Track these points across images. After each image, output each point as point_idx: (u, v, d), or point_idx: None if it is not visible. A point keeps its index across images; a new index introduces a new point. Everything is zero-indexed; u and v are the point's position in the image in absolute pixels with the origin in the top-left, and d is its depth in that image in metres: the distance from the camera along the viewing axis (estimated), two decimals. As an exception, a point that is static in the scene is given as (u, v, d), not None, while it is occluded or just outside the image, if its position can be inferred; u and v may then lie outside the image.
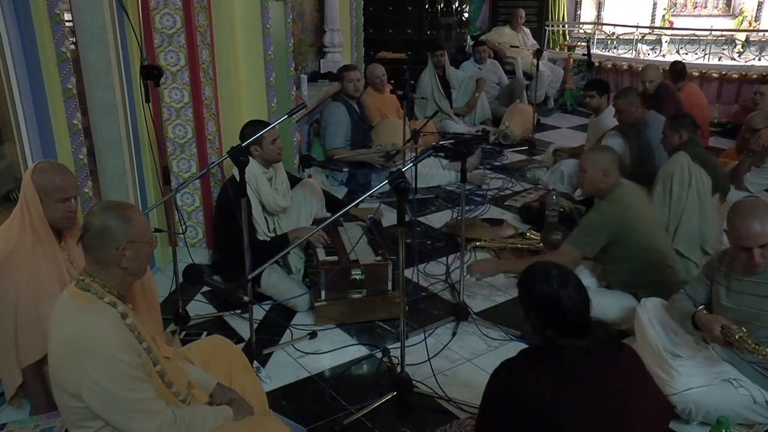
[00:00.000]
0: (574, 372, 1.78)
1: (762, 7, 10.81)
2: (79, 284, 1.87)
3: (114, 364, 1.76)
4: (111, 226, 1.86)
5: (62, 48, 2.84)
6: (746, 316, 2.47)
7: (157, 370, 1.90)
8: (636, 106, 4.49)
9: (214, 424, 1.95)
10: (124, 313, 1.86)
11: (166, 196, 3.19)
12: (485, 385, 1.93)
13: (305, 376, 2.93)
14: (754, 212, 2.36)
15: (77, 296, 1.85)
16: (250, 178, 3.34)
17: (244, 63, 4.15)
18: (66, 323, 1.82)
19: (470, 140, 5.71)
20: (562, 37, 10.44)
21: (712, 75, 7.58)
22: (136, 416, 1.79)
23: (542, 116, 7.80)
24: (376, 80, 5.96)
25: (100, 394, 1.75)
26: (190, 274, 2.80)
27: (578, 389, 1.76)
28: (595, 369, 1.79)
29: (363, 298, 3.35)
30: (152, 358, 1.89)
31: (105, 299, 1.85)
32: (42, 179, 2.37)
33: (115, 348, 1.77)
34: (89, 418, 1.80)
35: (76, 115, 2.99)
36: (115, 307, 1.85)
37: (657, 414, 1.91)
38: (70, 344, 1.78)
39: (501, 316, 3.40)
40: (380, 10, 8.12)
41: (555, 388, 1.75)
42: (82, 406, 1.78)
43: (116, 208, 1.92)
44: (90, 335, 1.77)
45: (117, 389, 1.76)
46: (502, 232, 4.35)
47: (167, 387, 1.93)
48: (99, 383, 1.74)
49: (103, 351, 1.76)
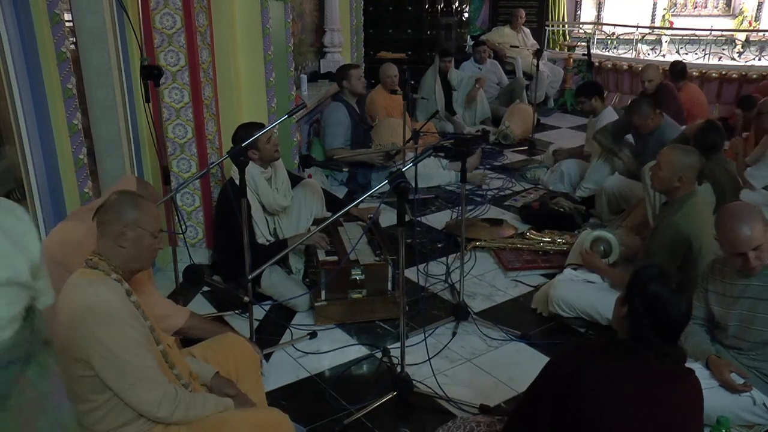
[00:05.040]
0: (639, 372, 1.79)
1: (762, 7, 10.81)
2: (88, 263, 1.94)
3: (123, 329, 1.83)
4: (122, 204, 1.97)
5: (62, 48, 2.84)
6: (742, 320, 2.47)
7: (160, 349, 1.96)
8: (651, 116, 4.39)
9: (215, 409, 1.98)
10: (129, 291, 1.94)
11: (166, 196, 3.19)
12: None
13: (305, 376, 2.93)
14: (740, 217, 2.36)
15: (85, 274, 1.92)
16: (248, 180, 3.33)
17: (244, 63, 4.14)
18: (76, 295, 1.88)
19: (470, 140, 5.72)
20: (562, 37, 10.45)
21: (712, 75, 7.58)
22: (140, 384, 1.84)
23: (542, 116, 7.80)
24: (388, 80, 5.97)
25: (108, 357, 1.81)
26: (190, 274, 2.80)
27: (637, 390, 1.76)
28: (660, 379, 1.79)
29: (363, 298, 3.35)
30: (155, 337, 1.95)
31: (112, 276, 1.92)
32: (145, 193, 2.46)
33: (124, 314, 1.86)
34: (96, 390, 1.84)
35: (76, 115, 2.98)
36: (121, 284, 1.93)
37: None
38: (81, 312, 1.84)
39: (501, 316, 3.40)
40: (380, 10, 8.12)
41: (613, 381, 1.76)
42: (91, 374, 1.82)
43: (133, 193, 2.06)
44: (99, 302, 1.85)
45: (125, 354, 1.82)
46: (502, 232, 4.35)
47: (170, 368, 1.98)
48: (108, 347, 1.81)
49: (113, 316, 1.84)
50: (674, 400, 1.81)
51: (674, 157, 3.00)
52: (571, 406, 1.77)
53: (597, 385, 1.75)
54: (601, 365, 1.80)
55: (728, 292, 2.51)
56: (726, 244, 2.41)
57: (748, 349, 2.49)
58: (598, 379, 1.76)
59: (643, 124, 4.44)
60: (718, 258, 2.58)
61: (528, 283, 3.77)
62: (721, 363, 2.48)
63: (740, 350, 2.52)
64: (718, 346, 2.58)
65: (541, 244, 4.10)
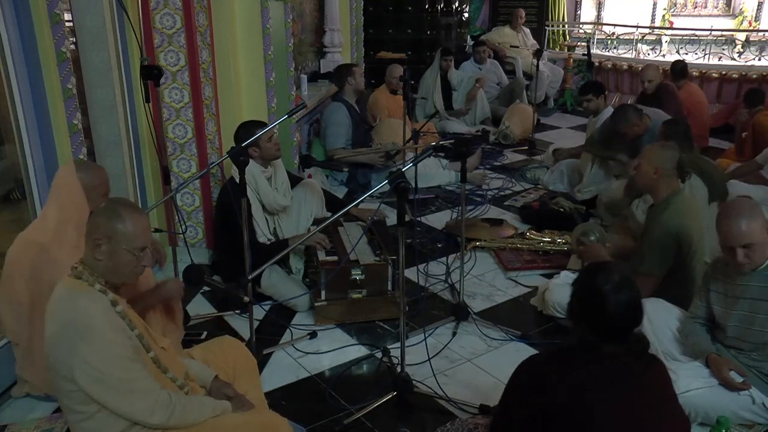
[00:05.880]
0: (606, 374, 1.77)
1: (762, 7, 10.81)
2: (73, 272, 1.90)
3: (105, 345, 1.78)
4: (102, 213, 1.91)
5: (62, 48, 2.84)
6: (742, 320, 2.47)
7: (151, 356, 1.92)
8: (637, 123, 4.38)
9: (212, 413, 1.96)
10: (114, 301, 1.88)
11: (166, 196, 3.19)
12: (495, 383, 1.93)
13: (305, 376, 2.93)
14: (740, 212, 2.37)
15: (69, 284, 1.88)
16: (249, 179, 3.34)
17: (244, 63, 4.15)
18: (59, 310, 1.84)
19: (470, 140, 5.72)
20: (562, 37, 10.44)
21: (712, 75, 7.58)
22: (128, 396, 1.81)
23: (542, 116, 7.80)
24: (393, 81, 5.97)
25: (92, 374, 1.77)
26: (190, 274, 2.80)
27: (611, 392, 1.75)
28: (626, 377, 1.78)
29: (363, 298, 3.35)
30: (144, 344, 1.91)
31: (96, 287, 1.87)
32: (87, 176, 2.44)
33: (106, 329, 1.80)
34: (84, 402, 1.82)
35: (76, 115, 2.98)
36: (105, 295, 1.88)
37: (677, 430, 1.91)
38: (63, 328, 1.80)
39: (501, 316, 3.40)
40: (380, 10, 8.12)
41: (588, 387, 1.74)
42: (77, 389, 1.80)
43: (118, 203, 1.96)
44: (81, 317, 1.80)
45: (109, 368, 1.78)
46: (502, 232, 4.35)
47: (163, 372, 1.94)
48: (91, 363, 1.76)
49: (94, 333, 1.78)
50: (646, 394, 1.80)
51: (650, 151, 3.10)
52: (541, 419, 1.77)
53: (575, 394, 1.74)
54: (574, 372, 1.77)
55: (730, 291, 2.51)
56: (720, 236, 2.42)
57: (749, 350, 2.49)
58: (560, 390, 1.75)
59: (629, 132, 4.43)
60: (721, 257, 2.57)
61: (528, 284, 3.77)
62: (721, 361, 2.47)
63: (740, 350, 2.52)
64: (718, 345, 2.58)
65: (541, 244, 4.10)
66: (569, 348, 1.88)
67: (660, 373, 1.89)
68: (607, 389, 1.75)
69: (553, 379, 1.77)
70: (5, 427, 2.35)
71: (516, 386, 1.90)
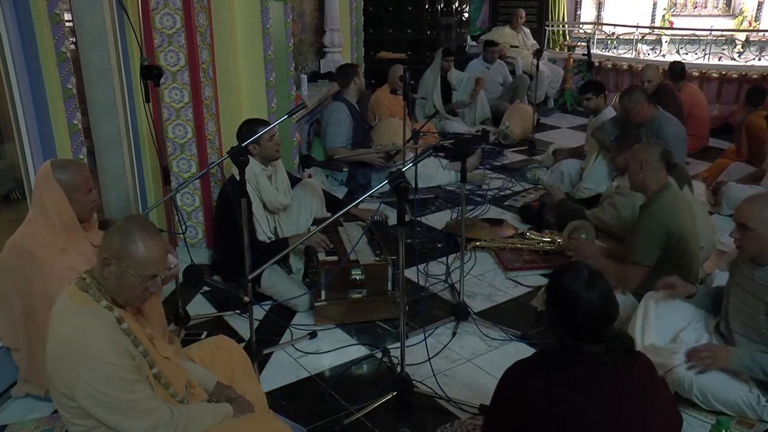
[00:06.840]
0: (582, 380, 1.75)
1: (762, 7, 10.81)
2: (80, 283, 1.85)
3: (106, 368, 1.75)
4: (117, 232, 1.83)
5: (62, 48, 2.84)
6: (740, 313, 2.52)
7: (154, 372, 1.89)
8: (642, 104, 4.44)
9: (213, 421, 1.95)
10: (120, 318, 1.84)
11: (166, 196, 3.19)
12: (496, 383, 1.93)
13: (305, 376, 2.93)
14: (761, 198, 2.48)
15: (75, 297, 1.83)
16: (250, 177, 3.34)
17: (244, 63, 4.15)
18: (62, 324, 1.81)
19: (470, 140, 5.71)
20: (562, 37, 10.44)
21: (712, 75, 7.58)
22: (130, 415, 1.78)
23: (542, 116, 7.80)
24: (396, 80, 5.97)
25: (94, 395, 1.75)
26: (190, 274, 2.80)
27: (584, 398, 1.73)
28: (604, 378, 1.76)
29: (363, 298, 3.35)
30: (149, 361, 1.88)
31: (102, 303, 1.83)
32: (66, 176, 2.38)
33: (108, 351, 1.76)
34: (83, 416, 1.80)
35: (76, 115, 2.99)
36: (111, 311, 1.83)
37: (667, 427, 1.90)
38: (65, 346, 1.78)
39: (501, 316, 3.40)
40: (380, 10, 8.12)
41: (561, 396, 1.73)
42: (76, 405, 1.78)
43: (135, 225, 1.85)
44: (83, 338, 1.76)
45: (110, 391, 1.75)
46: (502, 232, 4.35)
47: (164, 389, 1.92)
48: (92, 385, 1.74)
49: (96, 354, 1.75)
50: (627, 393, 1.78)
51: (634, 149, 3.19)
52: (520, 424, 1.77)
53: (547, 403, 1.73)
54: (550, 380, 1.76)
55: (739, 282, 2.56)
56: None
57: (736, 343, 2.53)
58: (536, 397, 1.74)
59: (632, 108, 4.45)
60: None
61: (528, 284, 3.77)
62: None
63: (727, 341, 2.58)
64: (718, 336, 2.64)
65: (541, 244, 4.10)
66: (552, 351, 1.87)
67: (644, 369, 1.87)
68: (584, 393, 1.73)
69: (531, 386, 1.76)
70: (5, 427, 2.35)
71: (502, 390, 1.90)
